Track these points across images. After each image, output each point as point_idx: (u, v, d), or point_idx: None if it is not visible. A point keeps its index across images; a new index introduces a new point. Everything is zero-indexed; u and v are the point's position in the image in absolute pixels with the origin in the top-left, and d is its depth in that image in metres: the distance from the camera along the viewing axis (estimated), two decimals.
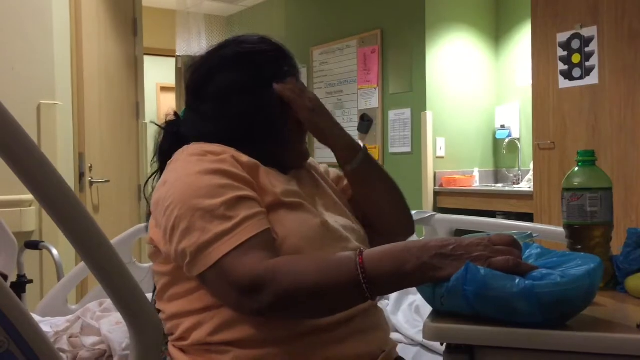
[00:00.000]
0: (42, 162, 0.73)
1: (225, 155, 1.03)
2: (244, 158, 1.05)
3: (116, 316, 1.46)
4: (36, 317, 1.67)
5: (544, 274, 0.81)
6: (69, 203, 0.75)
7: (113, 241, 1.95)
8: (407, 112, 4.48)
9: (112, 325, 1.43)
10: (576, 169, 1.07)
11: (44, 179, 0.73)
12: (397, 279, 0.87)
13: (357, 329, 1.04)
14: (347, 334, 1.03)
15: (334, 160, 1.21)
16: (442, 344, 0.88)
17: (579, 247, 1.06)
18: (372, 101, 4.71)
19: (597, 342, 0.79)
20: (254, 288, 0.89)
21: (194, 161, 1.02)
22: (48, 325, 1.56)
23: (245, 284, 0.89)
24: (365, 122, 4.71)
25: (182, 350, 1.05)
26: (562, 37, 3.49)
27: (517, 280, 0.79)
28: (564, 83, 3.49)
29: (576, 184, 1.06)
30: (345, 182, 1.27)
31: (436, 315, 0.89)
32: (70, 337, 1.43)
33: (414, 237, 1.73)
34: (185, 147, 1.09)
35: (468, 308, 0.82)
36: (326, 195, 1.20)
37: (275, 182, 1.06)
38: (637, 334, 0.78)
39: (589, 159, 1.06)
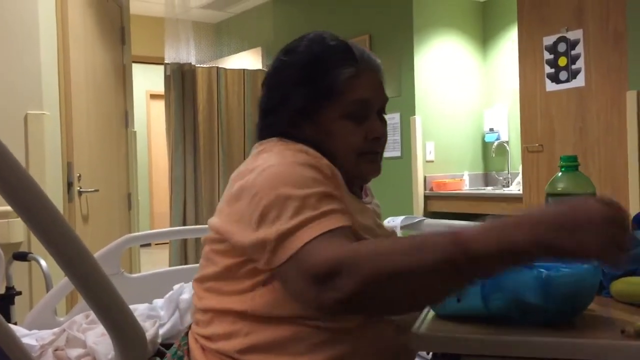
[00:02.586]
0: (21, 175, 0.72)
1: (323, 162, 1.00)
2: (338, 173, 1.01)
3: (102, 328, 1.45)
4: (23, 330, 1.66)
5: (556, 267, 0.84)
6: (49, 216, 0.75)
7: (101, 251, 1.94)
8: (396, 117, 4.49)
9: (98, 337, 1.42)
10: (559, 174, 1.08)
11: (24, 193, 0.73)
12: (503, 257, 0.75)
13: None
14: None
15: None
16: (428, 353, 0.88)
17: None
18: None
19: (582, 348, 0.79)
20: (332, 275, 0.80)
21: (289, 154, 0.99)
22: (34, 338, 1.54)
23: (322, 271, 0.81)
24: None
25: (203, 348, 1.02)
26: (548, 40, 3.51)
27: (534, 271, 0.82)
28: (551, 86, 3.51)
29: (560, 189, 1.06)
30: None
31: (423, 324, 0.89)
32: (55, 349, 1.42)
33: None
34: (276, 140, 1.06)
35: (480, 304, 0.82)
36: (385, 229, 1.15)
37: (354, 213, 1.00)
38: (621, 339, 0.78)
39: (572, 164, 1.07)
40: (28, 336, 1.59)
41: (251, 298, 0.96)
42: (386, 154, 4.46)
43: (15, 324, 1.93)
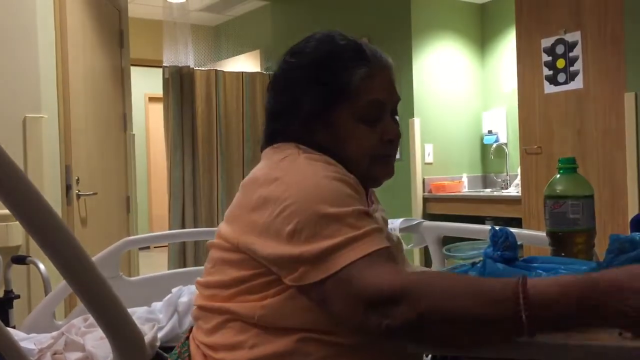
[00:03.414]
0: (19, 178, 0.72)
1: (350, 175, 0.97)
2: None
3: (101, 331, 1.44)
4: (21, 334, 1.65)
5: (555, 269, 0.87)
6: (47, 220, 0.75)
7: (100, 255, 1.94)
8: None
9: (97, 341, 1.42)
10: (558, 176, 1.08)
11: (22, 196, 0.73)
12: (576, 321, 0.75)
13: None
14: None
15: None
16: (426, 355, 0.88)
17: (563, 254, 1.06)
18: None
19: (580, 350, 0.79)
20: (389, 301, 0.79)
21: (319, 166, 0.95)
22: (32, 342, 1.54)
23: (376, 296, 0.80)
24: None
25: (205, 356, 0.99)
26: (547, 42, 3.52)
27: (533, 274, 0.84)
28: (549, 88, 3.52)
29: (558, 191, 1.06)
30: None
31: None
32: (54, 353, 1.42)
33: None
34: (294, 147, 1.02)
35: None
36: (392, 237, 1.12)
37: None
38: (618, 341, 0.78)
39: (570, 167, 1.07)
40: (26, 340, 1.59)
41: (260, 307, 0.93)
42: None
43: (14, 327, 1.93)
